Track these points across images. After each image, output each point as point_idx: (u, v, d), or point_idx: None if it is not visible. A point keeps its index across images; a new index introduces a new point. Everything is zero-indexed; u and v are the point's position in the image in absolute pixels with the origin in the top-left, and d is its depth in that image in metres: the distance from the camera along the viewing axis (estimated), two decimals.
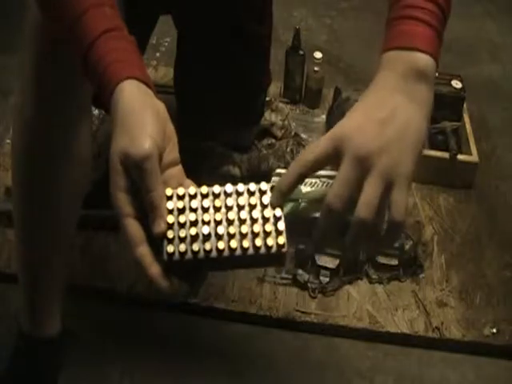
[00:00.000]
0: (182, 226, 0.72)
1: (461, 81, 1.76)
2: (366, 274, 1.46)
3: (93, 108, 1.45)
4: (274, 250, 0.72)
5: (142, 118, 0.71)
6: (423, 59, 0.75)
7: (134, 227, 0.71)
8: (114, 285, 1.39)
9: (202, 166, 1.50)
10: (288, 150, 1.67)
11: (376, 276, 1.45)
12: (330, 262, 1.42)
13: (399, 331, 1.37)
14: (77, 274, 1.37)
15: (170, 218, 0.72)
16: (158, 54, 2.04)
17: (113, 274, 1.40)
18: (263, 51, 1.50)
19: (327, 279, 1.41)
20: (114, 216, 0.72)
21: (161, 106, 0.75)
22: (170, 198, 0.73)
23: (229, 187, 0.74)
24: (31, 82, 0.95)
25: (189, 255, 0.72)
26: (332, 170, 0.74)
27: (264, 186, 0.75)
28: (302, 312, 1.38)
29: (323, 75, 1.83)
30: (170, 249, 0.71)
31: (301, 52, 1.81)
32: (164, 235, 0.71)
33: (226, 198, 0.74)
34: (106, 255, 1.43)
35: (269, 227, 0.72)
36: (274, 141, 1.69)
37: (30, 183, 1.05)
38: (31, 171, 1.03)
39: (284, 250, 0.72)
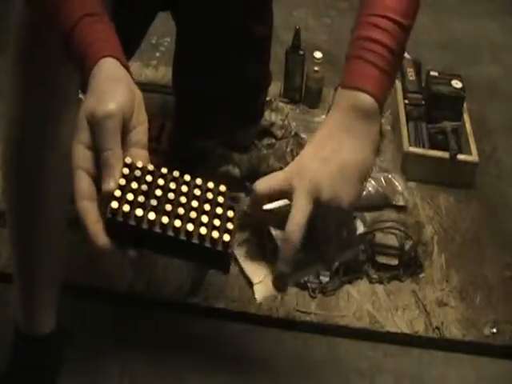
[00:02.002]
0: (132, 191, 0.71)
1: (461, 81, 1.76)
2: (366, 274, 1.46)
3: None
4: (219, 246, 0.71)
5: (114, 86, 0.74)
6: (366, 100, 0.81)
7: (84, 180, 0.72)
8: (114, 285, 1.39)
9: (202, 166, 1.49)
10: (288, 149, 1.67)
11: (376, 276, 1.45)
12: None
13: (399, 331, 1.37)
14: (76, 273, 1.37)
15: (122, 181, 0.71)
16: (157, 54, 2.04)
17: (113, 274, 1.40)
18: (263, 51, 1.50)
19: (327, 279, 1.41)
20: None
21: (137, 91, 0.77)
22: (128, 166, 0.72)
23: (187, 177, 0.75)
24: (15, 79, 0.97)
25: (131, 220, 0.69)
26: None
27: (223, 188, 0.76)
28: (302, 312, 1.38)
29: (323, 75, 1.83)
30: (115, 205, 0.69)
31: (301, 52, 1.81)
32: (111, 194, 0.69)
33: (183, 184, 0.74)
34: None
35: (217, 222, 0.72)
36: (274, 141, 1.69)
37: (17, 179, 1.05)
38: (18, 166, 1.04)
39: (229, 250, 0.72)
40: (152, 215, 0.69)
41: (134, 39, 1.34)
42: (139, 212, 0.69)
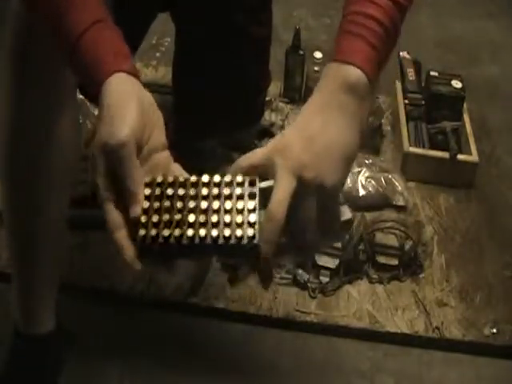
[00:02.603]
0: (156, 211, 0.74)
1: (461, 81, 1.76)
2: (366, 274, 1.46)
3: (93, 108, 1.46)
4: (244, 241, 0.73)
5: (124, 109, 0.75)
6: (355, 74, 0.77)
7: (112, 212, 0.75)
8: (114, 285, 1.39)
9: (202, 167, 1.49)
10: None
11: (376, 276, 1.45)
12: (330, 262, 1.42)
13: (399, 331, 1.37)
14: (77, 273, 1.37)
15: (146, 204, 0.74)
16: (158, 54, 2.04)
17: (113, 274, 1.40)
18: (263, 51, 1.50)
19: (327, 279, 1.41)
20: None
21: (146, 95, 0.78)
22: (148, 184, 0.75)
23: (205, 177, 0.77)
24: (8, 76, 0.97)
25: (160, 240, 0.73)
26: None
27: (240, 178, 0.76)
28: (302, 312, 1.38)
29: None
30: (142, 232, 0.73)
31: (301, 52, 1.81)
32: (138, 220, 0.73)
33: (203, 187, 0.76)
34: (105, 255, 1.43)
35: (240, 218, 0.74)
36: None
37: (13, 179, 1.05)
38: (14, 166, 1.04)
39: (255, 241, 0.73)
40: (178, 231, 0.73)
41: (134, 40, 1.34)
42: (166, 232, 0.73)
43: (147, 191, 0.75)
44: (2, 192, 1.08)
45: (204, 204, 0.75)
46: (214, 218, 0.74)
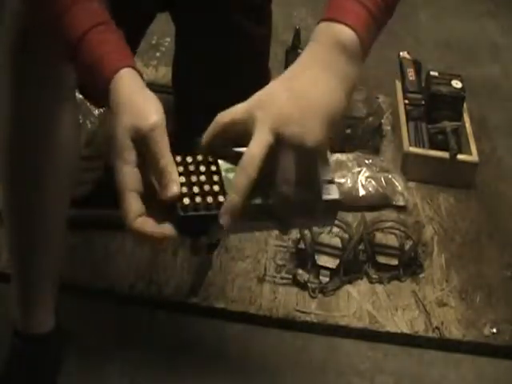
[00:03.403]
0: (193, 184, 0.74)
1: (461, 81, 1.76)
2: (366, 274, 1.46)
3: (93, 108, 1.46)
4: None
5: (145, 96, 0.76)
6: (346, 33, 0.75)
7: (136, 202, 0.73)
8: (114, 285, 1.39)
9: None
10: None
11: (376, 276, 1.45)
12: (330, 262, 1.42)
13: (399, 331, 1.37)
14: (77, 273, 1.37)
15: (181, 179, 0.74)
16: (158, 54, 2.04)
17: (113, 274, 1.40)
18: (263, 51, 1.50)
19: (327, 279, 1.41)
20: (113, 216, 0.73)
21: (156, 97, 0.78)
22: (178, 164, 0.75)
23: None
24: (7, 73, 0.96)
25: (202, 210, 0.73)
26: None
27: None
28: (302, 312, 1.38)
29: None
30: (186, 201, 0.72)
31: (300, 51, 1.80)
32: (178, 197, 0.72)
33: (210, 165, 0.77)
34: (106, 255, 1.44)
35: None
36: None
37: (13, 179, 1.05)
38: (14, 167, 1.04)
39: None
40: (221, 198, 0.73)
41: (133, 40, 1.34)
42: (209, 199, 0.73)
43: (180, 169, 0.75)
44: (3, 192, 1.08)
45: (216, 177, 0.75)
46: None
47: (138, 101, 0.75)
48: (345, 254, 1.42)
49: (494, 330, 1.38)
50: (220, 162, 0.77)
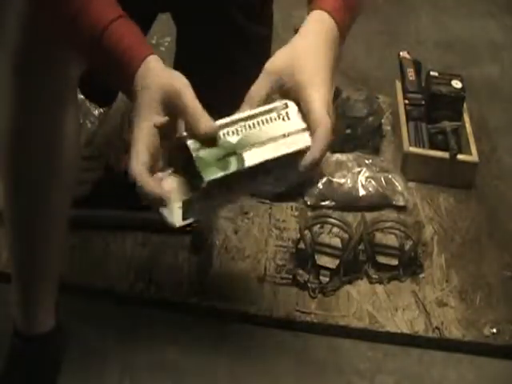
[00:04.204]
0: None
1: (461, 81, 1.76)
2: (366, 274, 1.46)
3: (93, 108, 1.46)
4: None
5: (176, 73, 0.83)
6: (336, 31, 0.89)
7: (145, 154, 0.77)
8: (114, 285, 1.39)
9: None
10: None
11: (376, 276, 1.45)
12: (330, 262, 1.42)
13: (399, 331, 1.37)
14: (77, 273, 1.37)
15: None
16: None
17: (113, 274, 1.40)
18: (263, 51, 1.50)
19: (327, 279, 1.41)
20: (113, 216, 0.73)
21: None
22: None
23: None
24: (10, 73, 0.97)
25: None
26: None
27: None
28: (302, 312, 1.38)
29: None
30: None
31: None
32: (217, 130, 0.79)
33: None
34: (106, 255, 1.44)
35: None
36: None
37: (17, 176, 1.05)
38: (18, 163, 1.04)
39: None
40: None
41: None
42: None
43: None
44: (4, 192, 1.08)
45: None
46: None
47: (170, 71, 0.82)
48: (345, 254, 1.42)
49: (494, 330, 1.38)
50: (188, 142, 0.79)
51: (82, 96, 1.42)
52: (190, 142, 0.78)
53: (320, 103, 0.81)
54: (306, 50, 0.87)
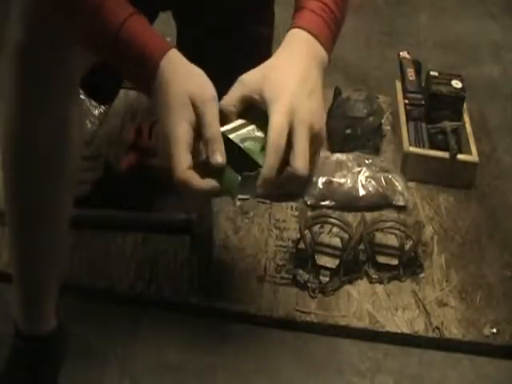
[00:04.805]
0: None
1: (461, 81, 1.76)
2: (366, 274, 1.46)
3: (93, 108, 1.46)
4: None
5: (199, 71, 0.86)
6: (324, 54, 0.92)
7: (186, 153, 0.80)
8: (114, 285, 1.39)
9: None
10: None
11: (376, 276, 1.45)
12: (329, 262, 1.42)
13: (399, 331, 1.37)
14: (77, 274, 1.38)
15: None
16: None
17: (113, 274, 1.40)
18: (264, 51, 1.50)
19: (327, 279, 1.41)
20: (113, 216, 0.73)
21: None
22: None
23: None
24: (14, 72, 0.97)
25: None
26: None
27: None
28: (302, 312, 1.38)
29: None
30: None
31: None
32: (223, 166, 0.82)
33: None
34: (106, 255, 1.44)
35: None
36: None
37: (21, 175, 1.05)
38: (22, 162, 1.03)
39: None
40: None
41: None
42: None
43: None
44: (7, 192, 1.07)
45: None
46: None
47: (196, 72, 0.85)
48: (345, 254, 1.42)
49: (494, 330, 1.38)
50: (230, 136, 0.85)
51: (82, 96, 1.41)
52: (233, 136, 0.85)
53: (276, 122, 0.83)
54: (276, 67, 0.90)
